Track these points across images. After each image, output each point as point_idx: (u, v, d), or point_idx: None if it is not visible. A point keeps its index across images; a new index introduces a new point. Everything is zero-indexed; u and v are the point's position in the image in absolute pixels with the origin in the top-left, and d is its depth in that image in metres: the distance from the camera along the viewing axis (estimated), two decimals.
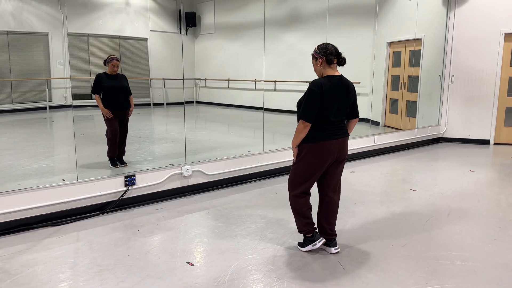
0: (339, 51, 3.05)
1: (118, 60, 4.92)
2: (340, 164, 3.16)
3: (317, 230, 3.23)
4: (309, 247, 3.19)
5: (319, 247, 3.19)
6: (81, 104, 7.15)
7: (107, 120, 4.96)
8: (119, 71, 5.04)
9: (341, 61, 3.06)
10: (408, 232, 3.64)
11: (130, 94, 5.13)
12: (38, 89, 9.36)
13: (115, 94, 4.95)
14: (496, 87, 7.66)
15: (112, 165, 4.98)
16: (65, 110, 9.04)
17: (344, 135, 3.11)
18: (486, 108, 7.79)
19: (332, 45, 3.05)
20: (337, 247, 3.23)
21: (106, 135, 5.01)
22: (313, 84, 2.95)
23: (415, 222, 3.88)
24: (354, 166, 6.14)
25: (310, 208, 3.19)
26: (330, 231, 3.22)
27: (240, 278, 2.80)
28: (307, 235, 3.20)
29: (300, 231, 3.23)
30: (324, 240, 3.18)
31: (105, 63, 4.94)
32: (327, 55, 2.99)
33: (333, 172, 3.14)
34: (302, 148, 3.05)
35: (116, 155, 5.03)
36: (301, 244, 3.26)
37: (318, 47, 3.06)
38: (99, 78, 4.90)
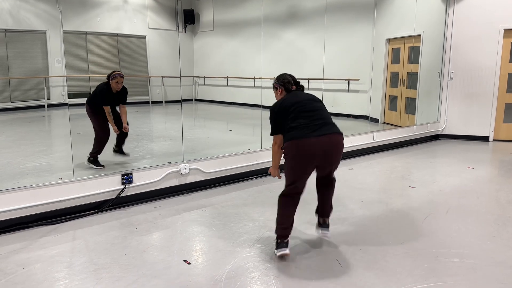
0: (297, 80, 3.31)
1: (122, 77, 4.83)
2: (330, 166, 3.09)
3: (286, 240, 3.06)
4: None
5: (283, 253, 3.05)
6: (79, 102, 7.13)
7: (97, 122, 4.91)
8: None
9: (299, 88, 3.29)
10: (406, 230, 3.62)
11: (124, 103, 5.06)
12: (36, 87, 9.34)
13: (115, 107, 4.98)
14: (495, 84, 7.64)
15: (97, 166, 4.89)
16: (63, 108, 9.02)
17: (329, 131, 2.94)
18: (486, 104, 7.76)
19: (290, 75, 3.30)
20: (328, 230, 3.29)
21: (96, 138, 4.94)
22: (272, 106, 3.19)
23: (414, 220, 3.86)
24: (352, 163, 6.12)
25: (291, 216, 3.07)
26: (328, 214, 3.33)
27: (237, 277, 2.79)
28: (284, 240, 3.07)
29: (278, 231, 3.10)
30: (287, 253, 3.02)
31: (108, 78, 4.83)
32: (284, 84, 3.25)
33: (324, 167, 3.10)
34: (285, 146, 3.01)
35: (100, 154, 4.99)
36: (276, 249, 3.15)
37: (277, 77, 3.31)
38: (102, 93, 4.85)
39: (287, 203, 3.06)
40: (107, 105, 4.86)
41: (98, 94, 4.89)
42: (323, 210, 3.32)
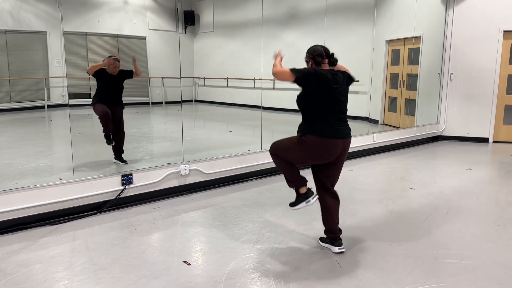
0: (330, 52, 3.07)
1: (118, 61, 4.94)
2: (338, 163, 3.15)
3: (311, 188, 3.15)
4: (303, 204, 3.10)
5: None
6: (79, 103, 7.14)
7: (98, 109, 4.94)
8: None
9: (332, 62, 3.07)
10: (406, 231, 3.63)
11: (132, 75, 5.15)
12: (36, 88, 9.34)
13: (110, 92, 4.96)
14: (495, 85, 7.65)
15: (108, 143, 4.98)
16: (63, 109, 9.01)
17: (348, 135, 3.10)
18: (485, 106, 7.77)
19: (322, 47, 3.07)
20: (342, 246, 3.15)
21: (100, 121, 4.98)
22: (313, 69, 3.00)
23: (414, 221, 3.87)
24: (352, 164, 6.12)
25: (294, 166, 3.11)
26: (334, 230, 3.18)
27: (237, 277, 2.79)
28: (301, 192, 3.12)
29: (291, 186, 3.17)
30: (318, 196, 3.12)
31: None
32: (314, 57, 3.03)
33: (332, 167, 3.14)
34: (307, 138, 2.97)
35: (111, 130, 5.01)
36: (293, 204, 3.17)
37: (308, 50, 3.10)
38: (98, 71, 4.90)
39: (291, 164, 3.10)
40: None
41: (96, 75, 4.90)
42: (335, 226, 3.21)
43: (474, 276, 2.82)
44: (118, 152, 5.13)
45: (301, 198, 3.12)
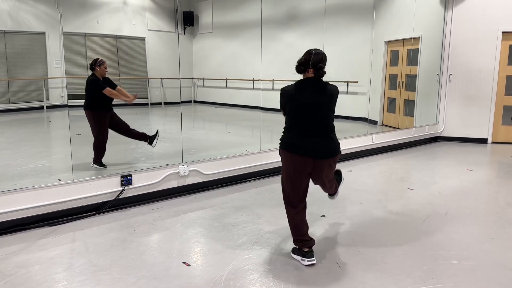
0: (319, 63, 2.84)
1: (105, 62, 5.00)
2: (319, 179, 3.04)
3: (313, 249, 3.03)
4: (298, 258, 3.03)
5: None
6: (78, 104, 7.13)
7: (100, 125, 4.93)
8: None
9: (316, 74, 2.87)
10: (405, 231, 3.63)
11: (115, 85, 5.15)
12: (35, 88, 9.34)
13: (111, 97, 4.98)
14: (493, 86, 7.66)
15: (100, 165, 4.94)
16: (62, 110, 9.02)
17: (321, 156, 2.85)
18: (484, 106, 7.78)
19: (312, 54, 2.87)
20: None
21: (95, 142, 4.95)
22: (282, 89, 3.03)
23: (413, 221, 3.87)
24: (352, 165, 6.13)
25: (302, 220, 3.03)
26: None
27: (236, 278, 2.79)
28: (303, 249, 3.01)
29: (296, 245, 3.07)
30: (314, 263, 2.96)
31: (93, 68, 4.85)
32: (297, 64, 2.93)
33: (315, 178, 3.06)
34: (280, 152, 3.05)
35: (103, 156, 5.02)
36: (293, 250, 3.10)
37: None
38: (96, 82, 4.88)
39: (296, 214, 3.05)
40: (106, 87, 4.84)
41: (94, 86, 4.86)
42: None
43: (474, 277, 2.82)
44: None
45: (300, 252, 3.02)
